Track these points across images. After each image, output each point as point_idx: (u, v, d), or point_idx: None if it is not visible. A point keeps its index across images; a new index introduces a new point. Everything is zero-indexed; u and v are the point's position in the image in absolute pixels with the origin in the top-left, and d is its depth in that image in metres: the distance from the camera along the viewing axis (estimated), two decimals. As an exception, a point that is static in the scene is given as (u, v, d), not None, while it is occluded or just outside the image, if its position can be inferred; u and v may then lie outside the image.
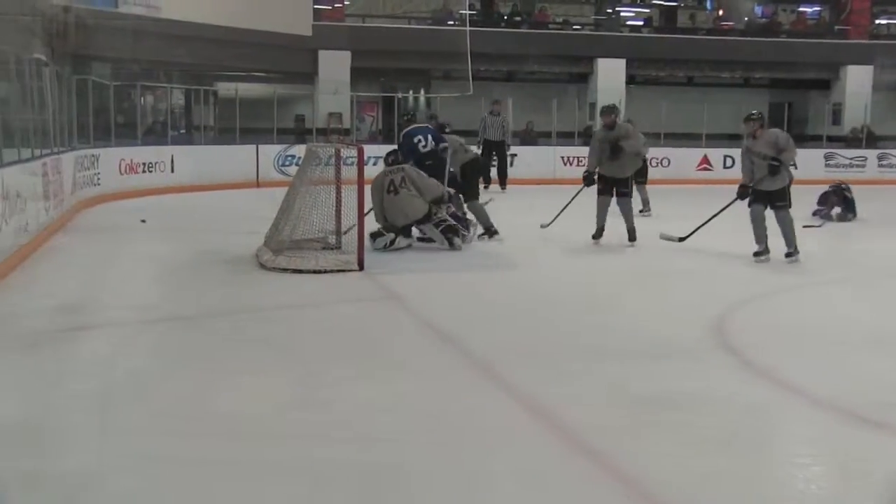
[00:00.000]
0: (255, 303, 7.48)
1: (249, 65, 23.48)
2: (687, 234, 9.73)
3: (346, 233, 9.35)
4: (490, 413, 4.61)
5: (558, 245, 10.39)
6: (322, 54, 24.10)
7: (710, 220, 9.68)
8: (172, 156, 17.00)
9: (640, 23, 30.52)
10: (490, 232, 10.71)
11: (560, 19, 29.51)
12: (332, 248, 9.33)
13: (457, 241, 9.79)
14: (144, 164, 16.38)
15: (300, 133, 23.30)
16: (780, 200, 9.21)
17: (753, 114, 9.65)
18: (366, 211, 8.97)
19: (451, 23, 26.22)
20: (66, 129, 13.25)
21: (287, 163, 18.76)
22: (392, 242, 9.70)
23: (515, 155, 19.74)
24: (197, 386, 4.99)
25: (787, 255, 9.24)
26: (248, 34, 21.40)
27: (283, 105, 21.83)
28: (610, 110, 10.64)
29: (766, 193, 9.23)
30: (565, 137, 22.69)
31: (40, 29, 16.20)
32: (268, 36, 21.91)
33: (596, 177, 10.45)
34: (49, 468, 3.81)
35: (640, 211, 13.36)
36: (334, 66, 24.10)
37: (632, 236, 10.33)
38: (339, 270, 8.49)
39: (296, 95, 25.61)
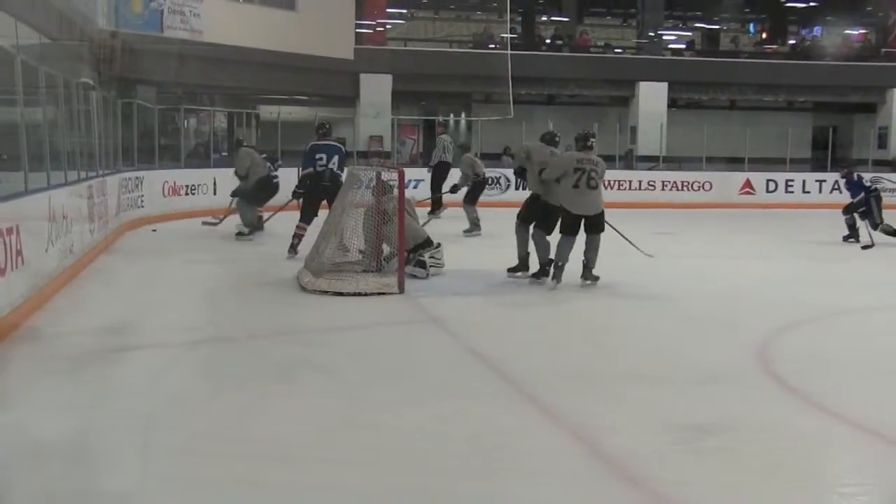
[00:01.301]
0: (297, 325, 7.52)
1: (291, 88, 23.73)
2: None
3: (386, 260, 9.40)
4: (533, 438, 4.60)
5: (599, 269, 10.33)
6: (363, 78, 24.31)
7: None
8: (215, 178, 17.16)
9: (682, 46, 30.51)
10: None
11: (601, 43, 29.59)
12: (371, 271, 9.36)
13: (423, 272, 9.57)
14: (187, 186, 16.58)
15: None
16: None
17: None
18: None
19: (493, 46, 26.37)
20: (112, 151, 13.44)
21: (328, 186, 18.83)
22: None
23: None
24: (240, 408, 5.02)
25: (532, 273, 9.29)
26: (290, 58, 21.65)
27: (325, 128, 21.99)
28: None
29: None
30: (605, 161, 22.58)
31: (88, 54, 16.51)
32: (310, 59, 22.15)
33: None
34: (93, 488, 3.86)
35: (465, 231, 13.53)
36: (375, 89, 24.29)
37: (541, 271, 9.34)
38: (379, 293, 8.54)
39: (337, 118, 25.78)
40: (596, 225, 9.09)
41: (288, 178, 18.15)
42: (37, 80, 8.44)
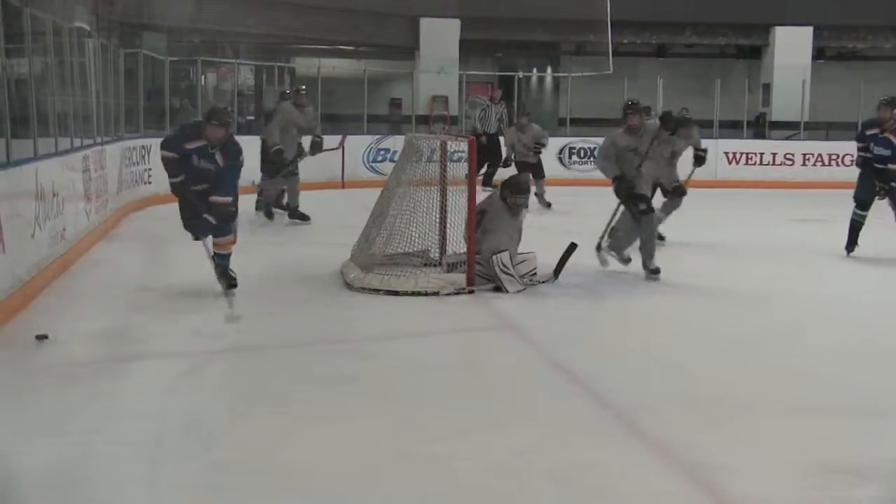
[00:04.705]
0: (340, 331, 7.57)
1: (334, 36, 23.83)
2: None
3: (449, 265, 9.29)
4: (634, 479, 4.54)
5: (719, 265, 10.25)
6: (424, 23, 24.30)
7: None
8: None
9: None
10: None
11: (727, -24, 29.16)
12: (434, 265, 9.37)
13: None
14: (205, 158, 16.72)
15: (396, 121, 23.56)
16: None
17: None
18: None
19: (588, -17, 26.16)
20: (112, 114, 13.63)
21: (379, 158, 19.04)
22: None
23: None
24: (270, 435, 5.06)
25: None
26: (334, -1, 21.75)
27: (376, 86, 22.16)
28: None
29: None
30: (730, 128, 22.44)
31: (84, -8, 16.78)
32: (357, 0, 22.20)
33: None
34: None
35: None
36: (439, 37, 24.26)
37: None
38: (443, 293, 8.58)
39: (391, 74, 25.92)
40: None
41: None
42: (20, 25, 8.57)
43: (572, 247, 9.33)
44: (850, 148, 20.90)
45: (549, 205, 15.72)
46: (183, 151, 8.44)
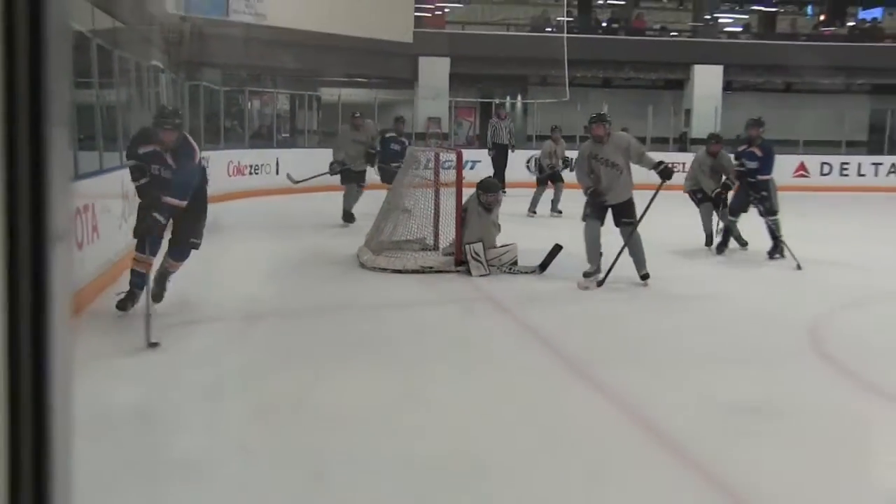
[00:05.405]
0: (356, 301, 7.63)
1: (352, 70, 23.79)
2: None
3: (446, 254, 9.24)
4: (586, 418, 4.62)
5: (652, 249, 10.27)
6: (422, 61, 24.29)
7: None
8: (277, 158, 17.35)
9: (739, 29, 29.95)
10: None
11: (657, 26, 29.18)
12: (430, 249, 9.44)
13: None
14: (251, 166, 16.77)
15: (400, 137, 23.46)
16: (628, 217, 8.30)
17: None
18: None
19: (549, 30, 26.17)
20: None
21: (387, 166, 18.92)
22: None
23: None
24: (301, 381, 5.12)
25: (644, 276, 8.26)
26: (351, 41, 21.69)
27: (384, 109, 22.08)
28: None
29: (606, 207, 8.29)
30: (660, 143, 22.50)
31: (158, 37, 16.74)
32: (370, 43, 22.18)
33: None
34: (160, 455, 3.97)
35: None
36: (434, 72, 24.27)
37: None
38: (437, 271, 8.64)
39: (396, 100, 25.81)
40: None
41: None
42: (110, 63, 8.62)
43: (557, 248, 8.84)
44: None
45: (555, 213, 14.33)
46: (136, 156, 6.59)
